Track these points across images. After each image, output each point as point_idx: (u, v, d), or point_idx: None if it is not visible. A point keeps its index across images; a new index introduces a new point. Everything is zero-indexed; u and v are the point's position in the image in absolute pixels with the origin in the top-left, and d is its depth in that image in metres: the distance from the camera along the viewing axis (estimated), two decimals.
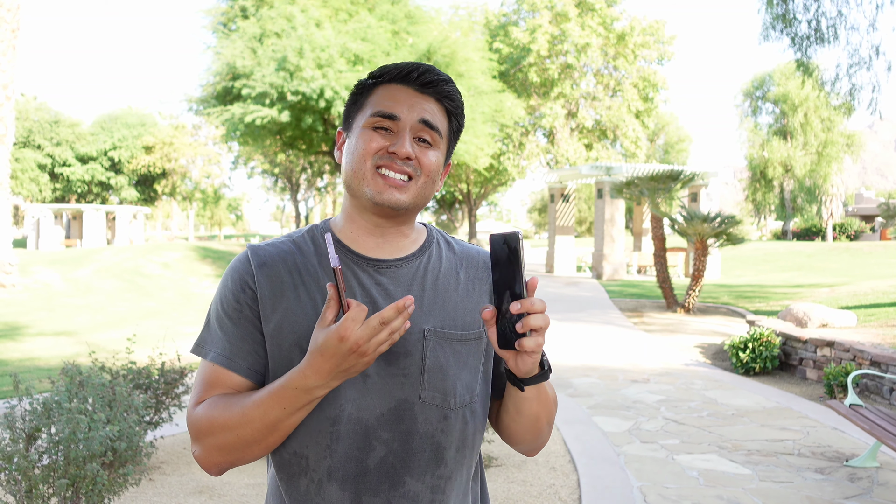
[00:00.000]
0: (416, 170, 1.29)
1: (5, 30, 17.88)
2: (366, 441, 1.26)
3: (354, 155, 1.30)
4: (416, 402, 1.28)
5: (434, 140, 1.32)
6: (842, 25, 14.80)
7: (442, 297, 1.35)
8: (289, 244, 1.36)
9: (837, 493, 4.66)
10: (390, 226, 1.35)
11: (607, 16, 39.78)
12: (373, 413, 1.26)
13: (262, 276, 1.31)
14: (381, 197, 1.28)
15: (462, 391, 1.33)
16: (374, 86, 1.34)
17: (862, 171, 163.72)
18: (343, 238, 1.36)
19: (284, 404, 1.19)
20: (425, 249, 1.39)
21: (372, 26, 24.82)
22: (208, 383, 1.30)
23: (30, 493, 3.23)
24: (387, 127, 1.29)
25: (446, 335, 1.32)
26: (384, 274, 1.33)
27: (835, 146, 50.73)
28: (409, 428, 1.28)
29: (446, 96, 1.34)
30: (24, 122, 49.38)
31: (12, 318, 14.21)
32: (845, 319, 9.77)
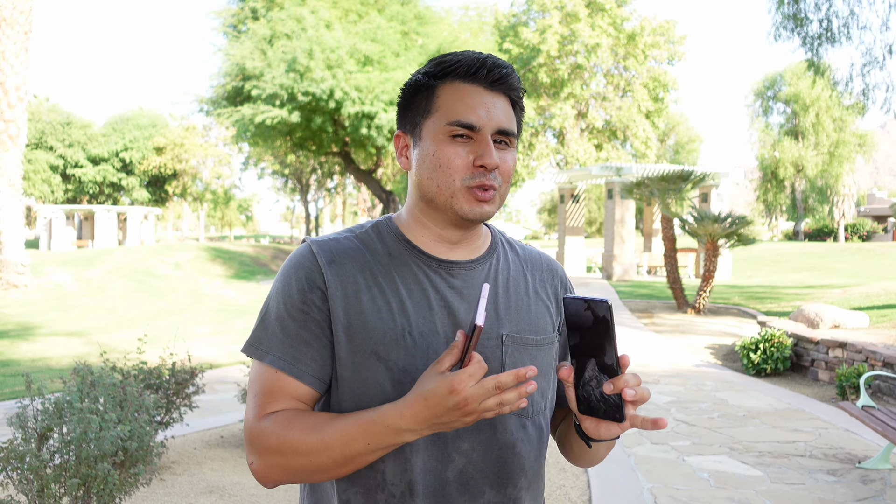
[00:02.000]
0: (498, 179, 1.24)
1: (17, 31, 18.00)
2: (444, 452, 1.21)
3: (438, 170, 1.23)
4: None
5: (510, 141, 1.26)
6: (854, 24, 14.73)
7: (515, 301, 1.31)
8: (354, 240, 1.29)
9: (850, 496, 4.63)
10: (465, 234, 1.30)
11: (617, 16, 39.68)
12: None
13: (333, 274, 1.23)
14: (473, 213, 1.23)
15: (538, 398, 1.30)
16: (437, 85, 1.26)
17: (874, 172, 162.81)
18: (413, 240, 1.30)
19: (370, 440, 1.12)
20: (493, 251, 1.35)
21: (382, 27, 24.84)
22: (269, 391, 1.21)
23: (41, 492, 3.24)
24: (467, 135, 1.23)
25: (522, 340, 1.28)
26: (457, 276, 1.28)
27: (847, 146, 50.45)
28: (488, 438, 1.24)
29: (513, 88, 1.27)
30: (36, 124, 49.69)
31: (25, 318, 14.29)
32: (857, 320, 9.71)
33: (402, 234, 1.30)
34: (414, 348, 1.21)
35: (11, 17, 17.88)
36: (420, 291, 1.24)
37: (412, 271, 1.26)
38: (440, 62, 1.26)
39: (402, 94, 1.30)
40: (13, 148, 18.15)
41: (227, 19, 28.66)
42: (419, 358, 1.20)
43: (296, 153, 34.60)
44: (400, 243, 1.29)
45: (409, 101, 1.28)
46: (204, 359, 9.16)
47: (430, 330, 1.22)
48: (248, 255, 30.84)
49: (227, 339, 11.80)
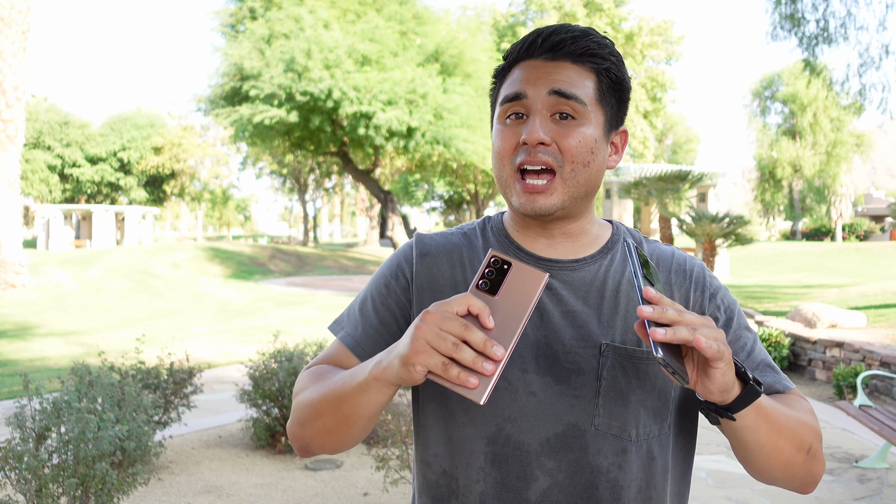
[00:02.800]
0: (558, 158, 1.09)
1: (15, 31, 17.98)
2: (526, 468, 1.09)
3: (494, 158, 1.15)
4: (588, 429, 1.09)
5: (577, 111, 1.09)
6: (851, 25, 14.75)
7: (625, 308, 1.14)
8: (458, 236, 1.24)
9: (847, 495, 4.64)
10: (556, 226, 1.17)
11: (615, 16, 39.72)
12: (536, 437, 1.09)
13: (423, 266, 1.20)
14: (526, 207, 1.11)
15: (647, 420, 1.12)
16: (506, 71, 1.16)
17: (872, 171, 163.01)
18: (513, 235, 1.21)
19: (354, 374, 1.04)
20: (608, 250, 1.20)
21: (380, 27, 24.86)
22: (329, 356, 1.22)
23: (40, 492, 3.24)
24: (520, 112, 1.11)
25: (629, 353, 1.11)
26: (556, 277, 1.15)
27: (844, 146, 50.51)
28: (578, 459, 1.09)
29: (583, 53, 1.11)
30: (34, 124, 49.62)
31: (23, 318, 14.28)
32: (855, 320, 9.72)
33: (505, 231, 1.22)
34: None
35: (9, 16, 17.86)
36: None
37: None
38: (513, 45, 1.16)
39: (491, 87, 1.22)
40: (11, 148, 18.14)
41: (226, 19, 28.65)
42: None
43: (294, 153, 34.59)
44: (500, 239, 1.21)
45: (492, 92, 1.21)
46: (202, 359, 9.16)
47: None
48: (246, 255, 30.82)
49: (225, 338, 11.80)
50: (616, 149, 1.19)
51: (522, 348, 1.11)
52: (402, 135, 24.66)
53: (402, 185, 42.05)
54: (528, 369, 1.11)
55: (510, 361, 1.10)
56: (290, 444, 5.40)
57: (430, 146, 24.92)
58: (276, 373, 5.35)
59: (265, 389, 5.35)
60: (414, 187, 42.66)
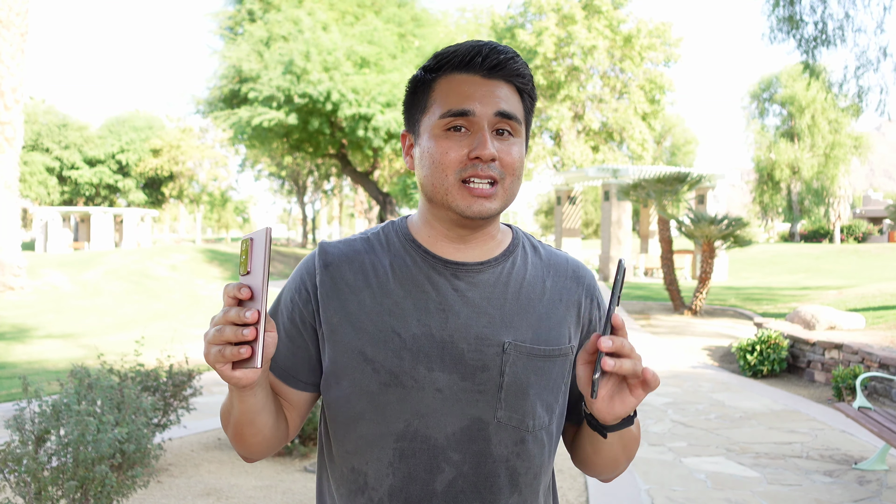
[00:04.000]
0: (500, 172, 1.16)
1: (14, 33, 17.97)
2: (433, 462, 1.16)
3: (433, 166, 1.17)
4: (490, 421, 1.17)
5: (514, 129, 1.18)
6: (849, 27, 14.78)
7: (526, 308, 1.22)
8: (361, 242, 1.27)
9: (846, 497, 4.64)
10: (472, 233, 1.23)
11: (614, 18, 39.78)
12: (442, 431, 1.16)
13: (326, 275, 1.22)
14: (471, 210, 1.16)
15: (542, 412, 1.21)
16: (434, 80, 1.20)
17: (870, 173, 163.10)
18: (420, 240, 1.25)
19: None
20: (510, 253, 1.27)
21: (378, 29, 24.88)
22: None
23: (39, 494, 3.24)
24: (461, 125, 1.16)
25: (529, 350, 1.20)
26: (462, 279, 1.21)
27: (842, 148, 50.53)
28: (481, 450, 1.17)
29: (516, 74, 1.19)
30: (32, 126, 49.59)
31: (21, 320, 14.26)
32: (853, 322, 9.73)
33: (410, 234, 1.26)
34: (403, 350, 1.16)
35: (7, 18, 17.86)
36: (419, 293, 1.19)
37: (414, 272, 1.21)
38: (437, 55, 1.21)
39: (405, 93, 1.26)
40: (9, 150, 18.13)
41: (224, 21, 28.65)
42: (407, 360, 1.16)
43: (293, 155, 34.62)
44: (406, 243, 1.25)
45: (411, 98, 1.24)
46: (201, 361, 9.15)
47: (424, 333, 1.17)
48: None
49: None
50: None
51: (429, 348, 1.17)
52: (400, 137, 24.65)
53: (401, 187, 41.99)
54: (434, 367, 1.16)
55: (417, 361, 1.16)
56: (289, 446, 5.40)
57: None
58: None
59: None
60: (412, 189, 42.59)
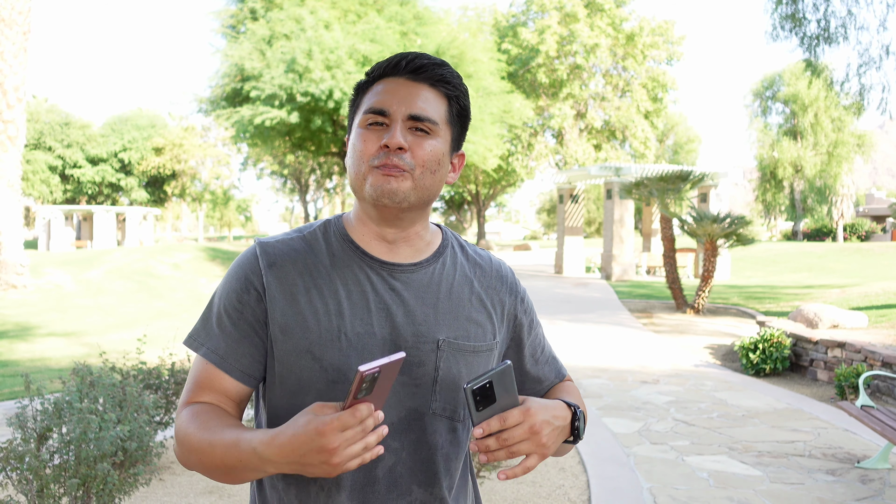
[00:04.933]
0: (410, 162, 1.22)
1: (16, 32, 17.99)
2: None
3: (353, 157, 1.25)
4: (426, 412, 1.26)
5: (430, 129, 1.25)
6: (851, 25, 14.74)
7: (456, 307, 1.31)
8: (299, 241, 1.31)
9: (849, 495, 4.64)
10: (399, 231, 1.29)
11: (616, 16, 39.72)
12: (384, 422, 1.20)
13: (272, 276, 1.25)
14: (381, 189, 1.21)
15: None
16: (369, 84, 1.29)
17: (873, 172, 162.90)
18: (356, 239, 1.31)
19: (240, 457, 1.12)
20: (440, 254, 1.35)
21: (381, 27, 24.86)
22: (199, 383, 1.26)
23: (41, 492, 3.24)
24: (381, 122, 1.24)
25: (460, 346, 1.29)
26: (398, 279, 1.28)
27: (845, 146, 50.44)
28: (418, 438, 1.26)
29: (440, 80, 1.27)
30: (34, 124, 49.66)
31: (23, 318, 14.29)
32: (856, 320, 9.72)
33: (347, 234, 1.32)
34: (349, 349, 1.23)
35: (10, 17, 17.88)
36: (359, 293, 1.26)
37: (353, 272, 1.27)
38: (376, 64, 1.30)
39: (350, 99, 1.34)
40: (12, 148, 18.14)
41: (226, 20, 28.66)
42: (353, 358, 1.22)
43: (295, 153, 34.64)
44: (344, 243, 1.30)
45: (352, 103, 1.33)
46: None
47: (367, 331, 1.24)
48: None
49: None
50: (454, 168, 1.33)
51: (372, 346, 1.24)
52: None
53: None
54: None
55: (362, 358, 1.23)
56: None
57: None
58: None
59: None
60: None
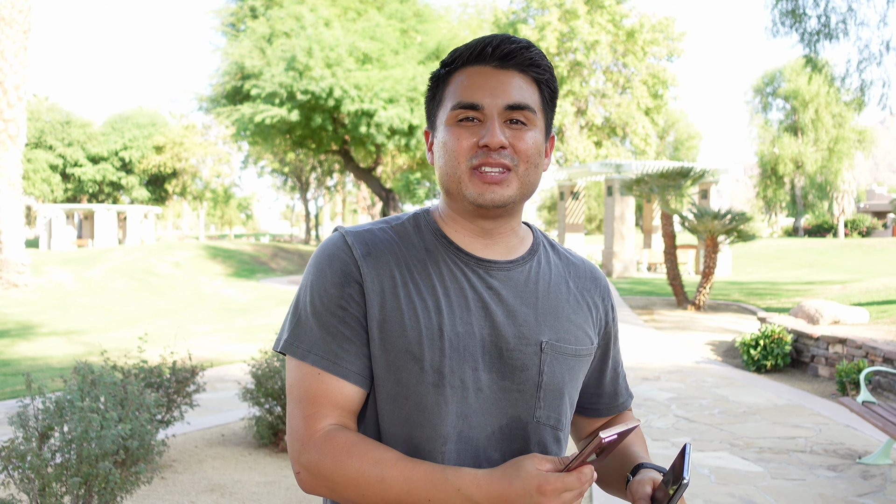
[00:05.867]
0: (513, 158, 1.15)
1: (16, 31, 17.98)
2: (475, 462, 1.14)
3: (446, 156, 1.17)
4: (529, 421, 1.17)
5: (528, 119, 1.17)
6: (851, 21, 14.73)
7: (555, 307, 1.23)
8: (389, 232, 1.22)
9: (850, 491, 4.64)
10: (497, 226, 1.22)
11: (616, 13, 39.67)
12: (483, 431, 1.15)
13: (368, 267, 1.16)
14: (484, 198, 1.15)
15: (569, 410, 1.24)
16: (449, 74, 1.21)
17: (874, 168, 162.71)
18: (449, 234, 1.23)
19: (433, 495, 1.04)
20: (534, 252, 1.27)
21: (381, 25, 24.84)
22: (313, 397, 1.13)
23: (43, 491, 3.25)
24: (472, 117, 1.16)
25: (562, 349, 1.21)
26: (495, 277, 1.20)
27: (846, 142, 50.42)
28: (520, 449, 1.17)
29: (530, 64, 1.18)
30: (35, 123, 49.67)
31: (25, 317, 14.30)
32: (857, 316, 9.72)
33: (440, 229, 1.23)
34: (450, 349, 1.14)
35: (10, 16, 17.87)
36: (458, 290, 1.18)
37: (449, 268, 1.19)
38: (452, 51, 1.21)
39: (426, 91, 1.27)
40: (13, 147, 18.15)
41: (227, 18, 28.65)
42: (455, 360, 1.14)
43: (295, 151, 34.60)
44: (437, 238, 1.22)
45: (430, 94, 1.25)
46: (204, 357, 9.17)
47: (467, 331, 1.15)
48: (247, 254, 30.84)
49: (227, 337, 11.81)
50: (546, 153, 1.25)
51: (473, 347, 1.16)
52: (403, 133, 24.63)
53: (404, 184, 42.02)
54: (477, 367, 1.16)
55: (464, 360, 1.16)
56: None
57: None
58: (279, 371, 5.36)
59: (268, 388, 5.36)
60: (415, 185, 42.65)
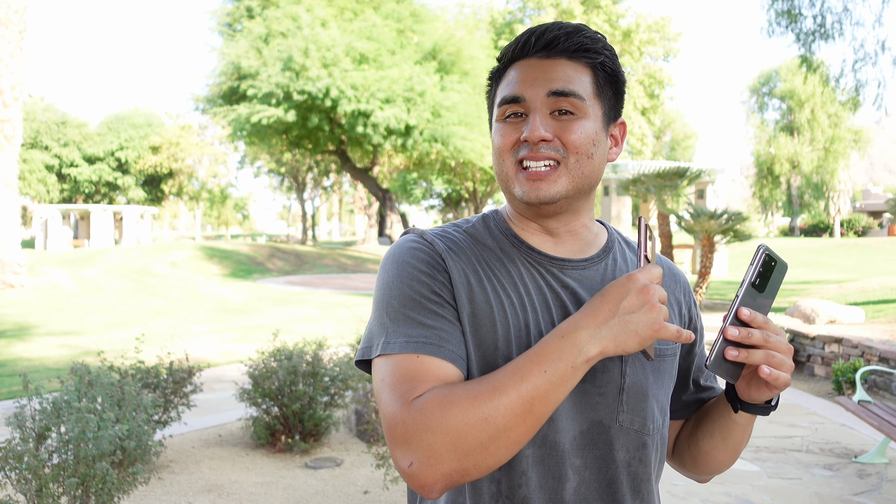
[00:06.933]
0: (560, 150, 1.09)
1: (12, 31, 17.95)
2: (560, 468, 1.08)
3: (495, 155, 1.14)
4: (612, 425, 1.11)
5: (577, 107, 1.10)
6: (847, 21, 14.76)
7: None
8: (461, 233, 1.18)
9: (846, 490, 4.65)
10: (561, 224, 1.17)
11: (613, 13, 39.71)
12: (566, 436, 1.08)
13: (452, 261, 1.11)
14: (529, 195, 1.10)
15: (658, 415, 1.16)
16: (501, 71, 1.17)
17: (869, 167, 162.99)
18: (519, 233, 1.18)
19: (545, 364, 0.95)
20: (609, 250, 1.22)
21: (377, 25, 24.85)
22: (411, 377, 1.00)
23: (40, 491, 3.25)
24: (518, 112, 1.11)
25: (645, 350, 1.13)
26: (569, 275, 1.15)
27: (842, 142, 50.54)
28: (603, 455, 1.10)
29: (578, 49, 1.11)
30: (31, 124, 49.56)
31: (22, 318, 14.27)
32: (853, 316, 9.74)
33: (510, 229, 1.19)
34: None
35: (6, 16, 17.84)
36: (536, 288, 1.13)
37: (525, 267, 1.15)
38: (506, 47, 1.16)
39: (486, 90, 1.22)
40: (8, 148, 18.12)
41: (223, 18, 28.63)
42: None
43: (292, 151, 34.60)
44: (509, 238, 1.18)
45: (488, 94, 1.21)
46: (201, 358, 9.16)
47: (550, 330, 1.09)
48: (244, 254, 30.80)
49: (224, 337, 11.80)
50: (616, 141, 1.19)
51: None
52: (400, 133, 24.63)
53: (401, 183, 42.04)
54: None
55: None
56: (289, 442, 5.40)
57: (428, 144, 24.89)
58: (276, 371, 5.36)
59: (265, 388, 5.36)
60: (412, 185, 42.68)
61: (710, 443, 1.22)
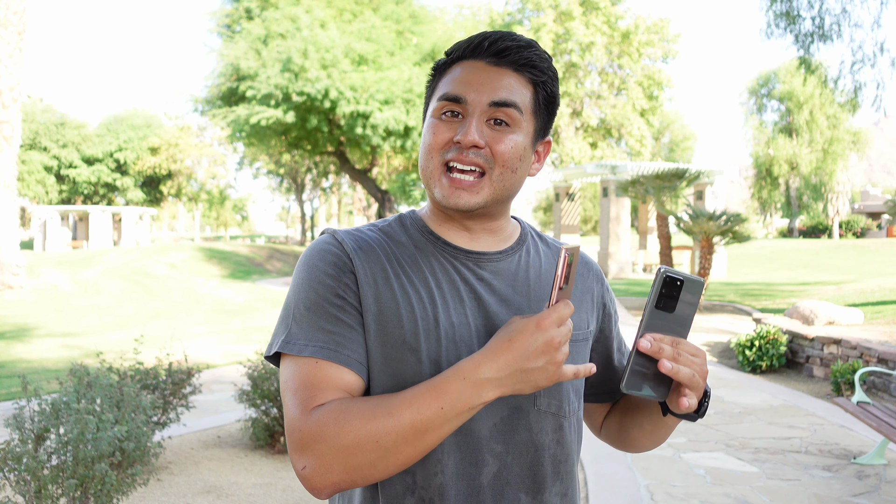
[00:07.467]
0: (489, 160, 1.12)
1: (11, 32, 17.95)
2: (477, 455, 1.11)
3: (423, 149, 1.15)
4: (530, 410, 1.15)
5: (512, 119, 1.12)
6: (846, 22, 14.78)
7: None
8: (377, 232, 1.21)
9: (845, 491, 4.65)
10: (480, 224, 1.20)
11: (612, 14, 39.73)
12: (485, 423, 1.12)
13: (360, 261, 1.13)
14: (449, 201, 1.12)
15: (573, 397, 1.21)
16: (447, 66, 1.17)
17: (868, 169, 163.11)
18: (436, 229, 1.21)
19: (443, 401, 0.98)
20: (522, 242, 1.26)
21: (376, 26, 24.86)
22: (310, 383, 1.06)
23: (39, 493, 3.24)
24: (456, 111, 1.13)
25: None
26: (484, 268, 1.19)
27: (841, 143, 50.57)
28: (523, 439, 1.14)
29: (526, 64, 1.13)
30: (30, 124, 49.51)
31: (20, 319, 14.26)
32: (852, 317, 9.74)
33: (426, 225, 1.22)
34: (445, 340, 1.12)
35: (5, 17, 17.84)
36: (449, 282, 1.16)
37: (439, 262, 1.18)
38: (456, 43, 1.18)
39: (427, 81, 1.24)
40: (7, 149, 18.12)
41: (222, 19, 28.63)
42: (451, 351, 1.12)
43: (291, 153, 34.61)
44: (424, 234, 1.21)
45: (429, 84, 1.22)
46: (200, 359, 9.16)
47: (461, 322, 1.13)
48: (243, 255, 30.80)
49: (223, 339, 11.79)
50: (539, 157, 1.22)
51: (468, 338, 1.14)
52: (399, 134, 24.64)
53: (400, 185, 42.03)
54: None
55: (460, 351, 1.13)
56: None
57: None
58: (275, 372, 5.36)
59: (264, 389, 5.35)
60: (411, 186, 42.62)
61: (640, 433, 1.29)
